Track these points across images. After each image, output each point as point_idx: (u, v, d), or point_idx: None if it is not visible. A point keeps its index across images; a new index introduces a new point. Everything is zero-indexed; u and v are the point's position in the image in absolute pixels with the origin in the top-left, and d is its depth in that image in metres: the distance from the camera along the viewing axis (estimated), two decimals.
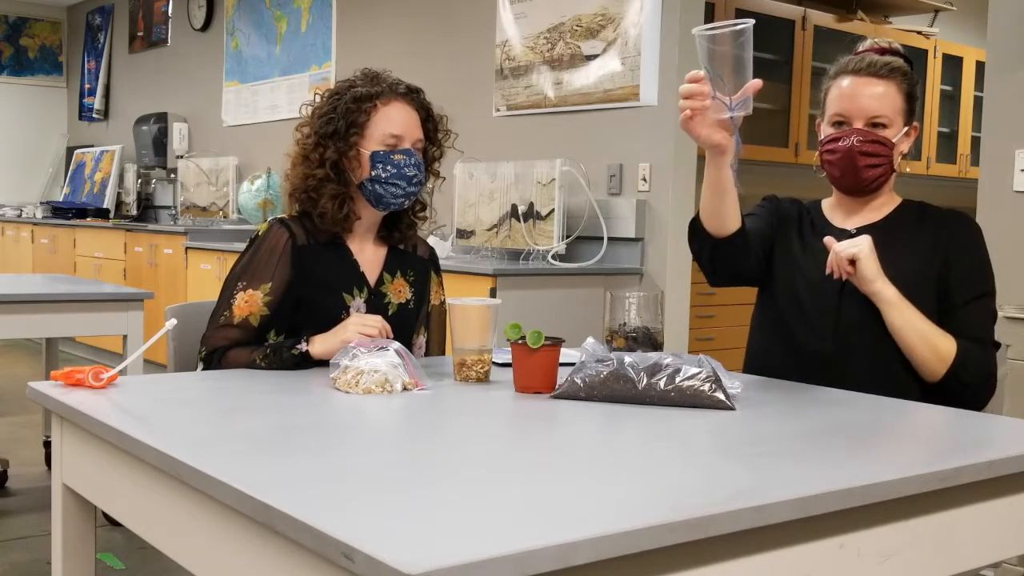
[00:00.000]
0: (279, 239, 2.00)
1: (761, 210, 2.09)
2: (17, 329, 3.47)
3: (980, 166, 3.16)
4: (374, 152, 1.99)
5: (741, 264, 1.93)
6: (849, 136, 1.89)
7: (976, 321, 1.90)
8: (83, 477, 1.55)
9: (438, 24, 5.02)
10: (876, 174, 1.91)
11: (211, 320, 1.99)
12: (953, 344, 1.85)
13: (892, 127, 1.90)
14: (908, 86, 1.93)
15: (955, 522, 1.30)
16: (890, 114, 1.90)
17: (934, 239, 1.93)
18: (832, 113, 1.93)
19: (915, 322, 1.84)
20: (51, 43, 9.17)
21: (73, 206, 7.79)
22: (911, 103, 1.93)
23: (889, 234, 1.94)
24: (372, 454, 1.30)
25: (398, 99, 2.03)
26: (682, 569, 1.02)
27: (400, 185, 2.00)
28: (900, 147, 1.93)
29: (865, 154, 1.89)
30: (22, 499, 3.74)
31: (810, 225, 2.03)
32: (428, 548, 0.89)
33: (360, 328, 1.86)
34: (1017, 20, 3.06)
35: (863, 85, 1.90)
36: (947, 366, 1.84)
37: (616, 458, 1.30)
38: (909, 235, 1.95)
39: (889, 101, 1.90)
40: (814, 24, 5.15)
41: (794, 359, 1.96)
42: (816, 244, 1.96)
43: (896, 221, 1.97)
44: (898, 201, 2.01)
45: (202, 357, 1.97)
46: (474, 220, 4.24)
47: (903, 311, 1.84)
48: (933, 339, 1.85)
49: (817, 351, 1.93)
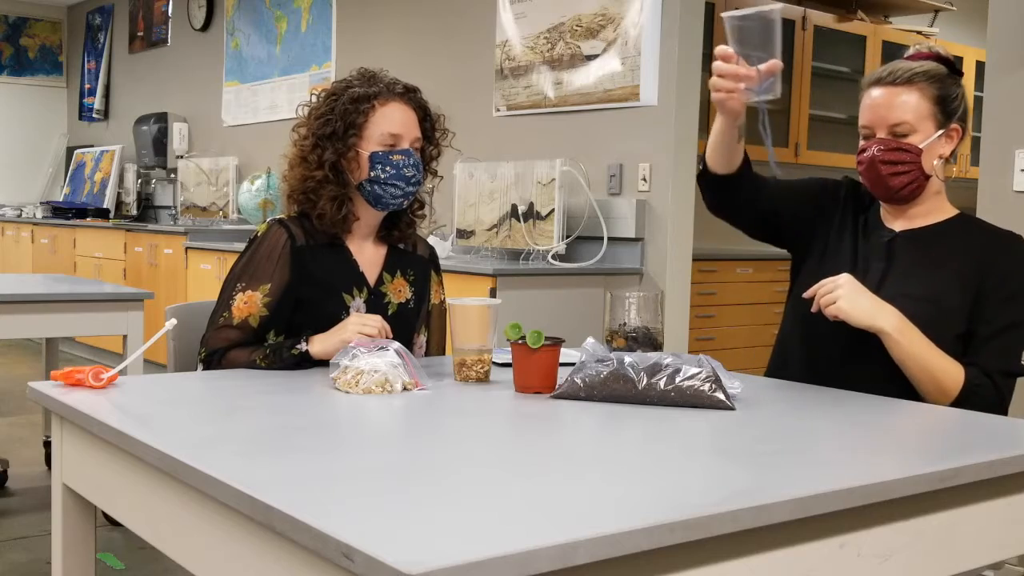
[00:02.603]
0: (278, 239, 2.00)
1: (806, 183, 2.11)
2: (17, 329, 3.47)
3: (980, 166, 3.16)
4: (373, 153, 1.99)
5: (735, 198, 2.02)
6: (871, 146, 1.90)
7: (998, 354, 1.86)
8: (83, 477, 1.55)
9: (438, 24, 5.02)
10: (903, 181, 1.89)
11: (210, 321, 1.99)
12: (960, 378, 1.81)
13: (918, 133, 1.88)
14: (938, 90, 1.89)
15: (955, 522, 1.30)
16: (912, 120, 1.88)
17: (977, 260, 1.89)
18: (860, 126, 1.95)
19: (918, 356, 1.80)
20: (51, 43, 9.17)
21: (73, 206, 7.79)
22: (944, 105, 1.90)
23: (930, 244, 1.93)
24: (372, 454, 1.30)
25: (396, 99, 2.03)
26: (682, 569, 1.02)
27: (399, 185, 2.00)
28: (935, 151, 1.90)
29: (888, 163, 1.88)
30: (22, 499, 3.74)
31: (864, 224, 2.02)
32: (428, 548, 0.89)
33: (359, 328, 1.86)
34: (1017, 20, 3.06)
35: (884, 95, 1.90)
36: (951, 398, 1.80)
37: (616, 458, 1.30)
38: (949, 251, 1.92)
39: (911, 107, 1.88)
40: (814, 24, 5.15)
41: (809, 351, 1.98)
42: (863, 246, 1.98)
43: (941, 233, 1.94)
44: (950, 212, 1.97)
45: (202, 358, 1.97)
46: (474, 220, 4.24)
47: (903, 344, 1.79)
48: (937, 374, 1.80)
49: (830, 352, 1.92)
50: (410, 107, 2.05)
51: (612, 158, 4.09)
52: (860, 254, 1.98)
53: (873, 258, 1.96)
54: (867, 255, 1.97)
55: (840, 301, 1.79)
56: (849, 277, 1.82)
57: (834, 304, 1.80)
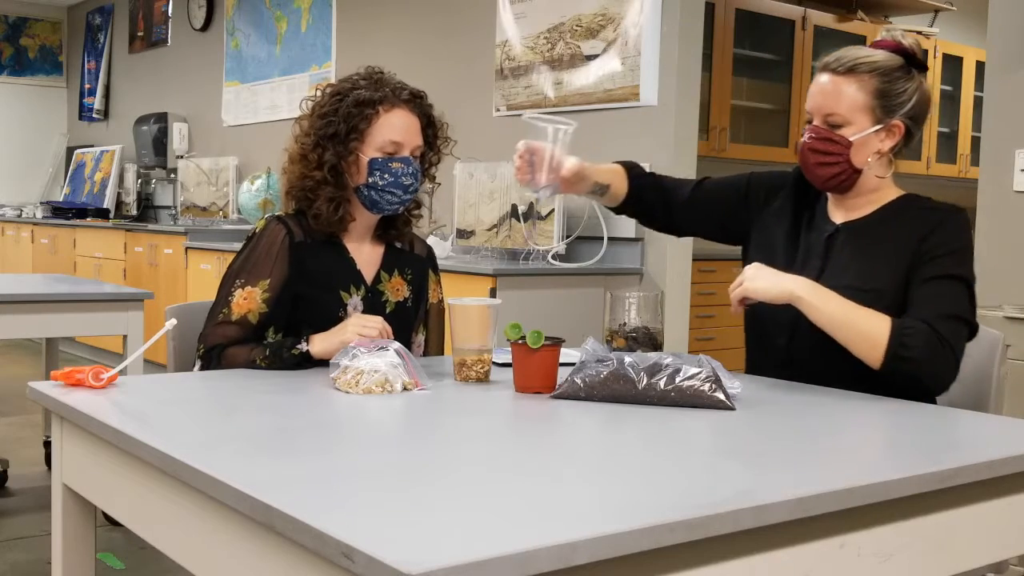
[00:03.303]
0: (277, 235, 2.00)
1: (734, 180, 2.12)
2: (17, 329, 3.47)
3: (980, 166, 3.16)
4: (372, 159, 1.99)
5: (644, 212, 2.17)
6: (806, 133, 1.90)
7: (931, 300, 1.77)
8: (83, 477, 1.55)
9: (438, 24, 5.02)
10: (830, 172, 1.87)
11: (209, 317, 1.98)
12: (886, 324, 1.73)
13: (852, 125, 1.84)
14: (881, 83, 1.83)
15: (955, 522, 1.30)
16: (844, 112, 1.84)
17: (913, 238, 1.84)
18: (805, 109, 1.94)
19: (836, 313, 1.75)
20: (51, 43, 9.17)
21: (73, 206, 7.79)
22: (885, 100, 1.84)
23: (869, 234, 1.89)
24: (372, 454, 1.30)
25: (400, 105, 2.02)
26: (682, 569, 1.02)
27: (396, 193, 2.00)
28: (870, 146, 1.85)
29: (815, 151, 1.87)
30: (22, 499, 3.74)
31: (810, 216, 1.99)
32: (428, 548, 0.89)
33: (360, 329, 1.86)
34: (1017, 20, 3.06)
35: (826, 82, 1.87)
36: (882, 349, 1.72)
37: (616, 458, 1.30)
38: (888, 237, 1.87)
39: (846, 99, 1.84)
40: (814, 24, 5.15)
41: (760, 350, 1.98)
42: (804, 239, 1.96)
43: (881, 220, 1.91)
44: (892, 196, 1.93)
45: (200, 354, 1.96)
46: (474, 220, 4.24)
47: (819, 306, 1.75)
48: (862, 325, 1.74)
49: (777, 345, 1.92)
50: (414, 114, 2.04)
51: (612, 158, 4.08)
52: (801, 248, 1.96)
53: (813, 254, 1.93)
54: (808, 249, 1.94)
55: (746, 283, 1.79)
56: (751, 264, 1.82)
57: (740, 287, 1.80)
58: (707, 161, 4.27)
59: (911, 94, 1.86)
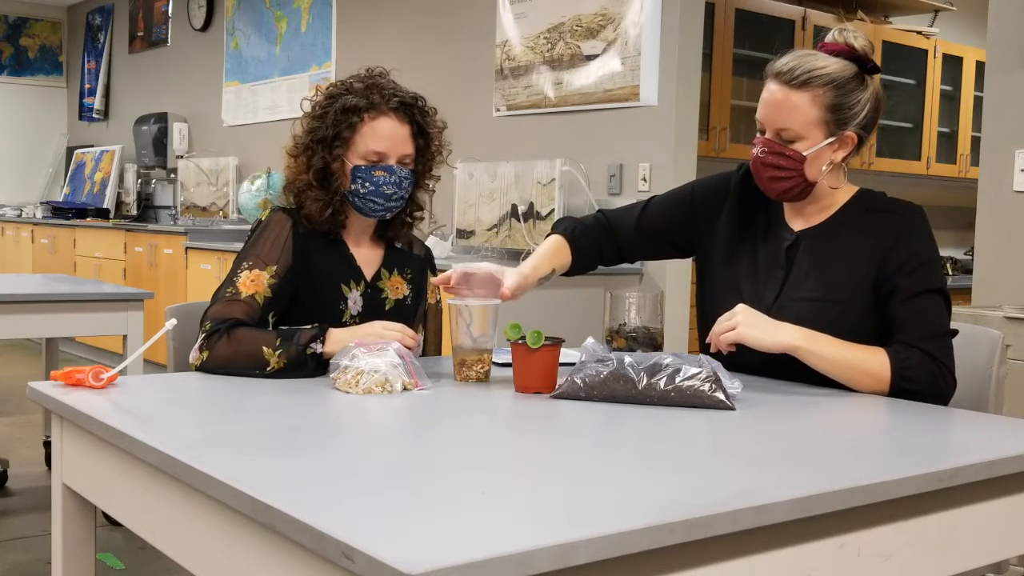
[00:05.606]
0: (284, 224, 2.00)
1: (676, 194, 2.08)
2: (17, 329, 3.48)
3: (980, 166, 3.16)
4: (355, 167, 1.99)
5: (596, 263, 2.09)
6: (757, 145, 1.86)
7: (917, 322, 1.77)
8: (83, 477, 1.55)
9: (438, 24, 5.02)
10: (785, 187, 1.84)
11: (214, 298, 1.93)
12: (884, 360, 1.73)
13: (806, 140, 1.81)
14: (835, 97, 1.80)
15: (955, 522, 1.30)
16: (798, 128, 1.80)
17: (876, 243, 1.82)
18: (756, 117, 1.89)
19: (835, 357, 1.74)
20: (51, 43, 9.17)
21: (73, 206, 7.79)
22: (838, 113, 1.80)
23: (829, 239, 1.87)
24: (372, 454, 1.30)
25: (387, 113, 1.99)
26: (682, 569, 1.02)
27: (378, 202, 2.00)
28: (823, 159, 1.82)
29: (768, 165, 1.84)
30: (22, 499, 3.74)
31: (766, 223, 1.95)
32: (428, 548, 0.89)
33: (384, 334, 1.83)
34: (1017, 20, 3.06)
35: (777, 94, 1.82)
36: (887, 384, 1.73)
37: (616, 458, 1.30)
38: (847, 242, 1.85)
39: (799, 114, 1.79)
40: (814, 24, 5.15)
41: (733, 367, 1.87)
42: (763, 249, 1.92)
43: (839, 224, 1.88)
44: (848, 196, 1.90)
45: (206, 331, 1.86)
46: (474, 220, 4.24)
47: (817, 352, 1.73)
48: (862, 366, 1.74)
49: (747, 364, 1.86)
50: (403, 122, 2.01)
51: (612, 158, 4.09)
52: (761, 260, 1.92)
53: (775, 264, 1.90)
54: (768, 261, 1.91)
55: (740, 329, 1.74)
56: (743, 307, 1.77)
57: (734, 331, 1.74)
58: (707, 161, 4.26)
59: (864, 103, 1.82)
